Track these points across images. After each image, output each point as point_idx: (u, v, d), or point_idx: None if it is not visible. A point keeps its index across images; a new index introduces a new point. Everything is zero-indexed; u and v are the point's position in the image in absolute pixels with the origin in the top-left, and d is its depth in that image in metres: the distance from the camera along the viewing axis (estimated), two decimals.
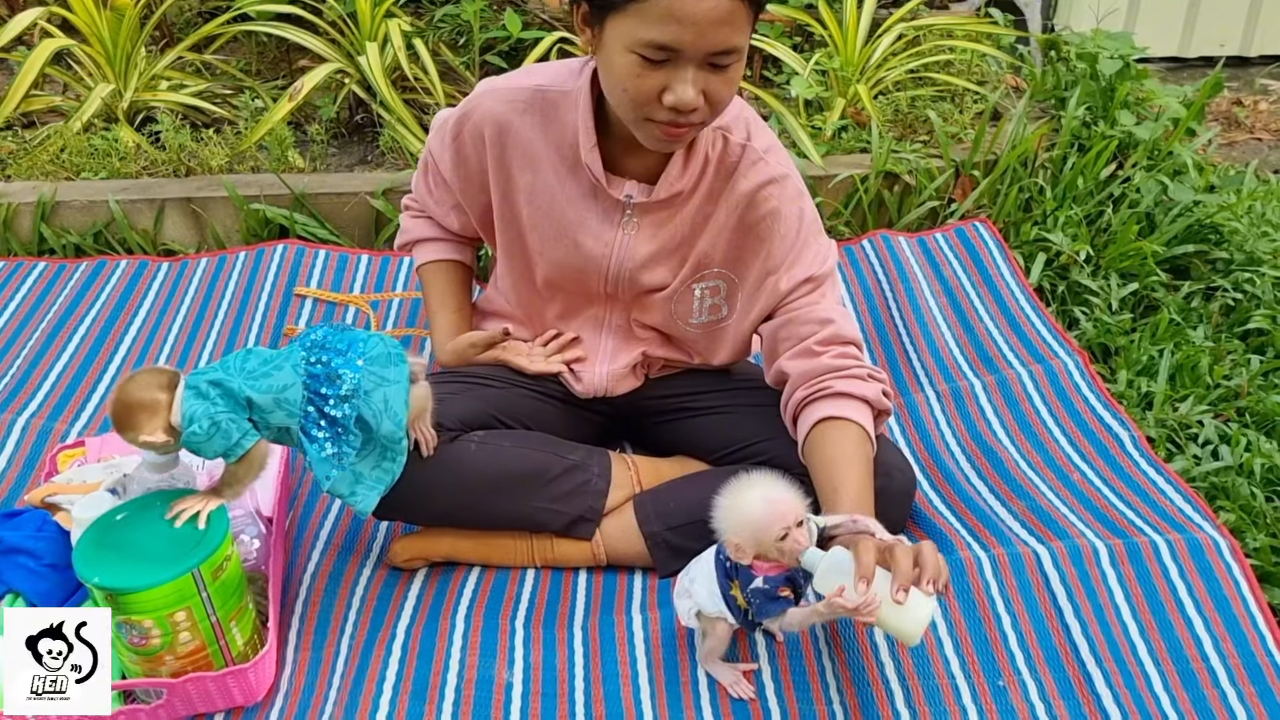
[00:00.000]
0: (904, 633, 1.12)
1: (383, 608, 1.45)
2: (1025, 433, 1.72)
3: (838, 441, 1.38)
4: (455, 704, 1.27)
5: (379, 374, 1.31)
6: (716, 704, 1.29)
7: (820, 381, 1.42)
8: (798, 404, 1.44)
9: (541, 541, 1.56)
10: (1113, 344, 1.98)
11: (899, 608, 1.11)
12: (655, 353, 1.62)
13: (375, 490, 1.36)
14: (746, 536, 1.18)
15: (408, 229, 1.73)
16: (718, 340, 1.58)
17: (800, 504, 1.17)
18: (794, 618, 1.18)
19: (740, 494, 1.20)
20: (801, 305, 1.47)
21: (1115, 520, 1.50)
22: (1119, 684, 1.27)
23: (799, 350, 1.45)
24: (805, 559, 1.16)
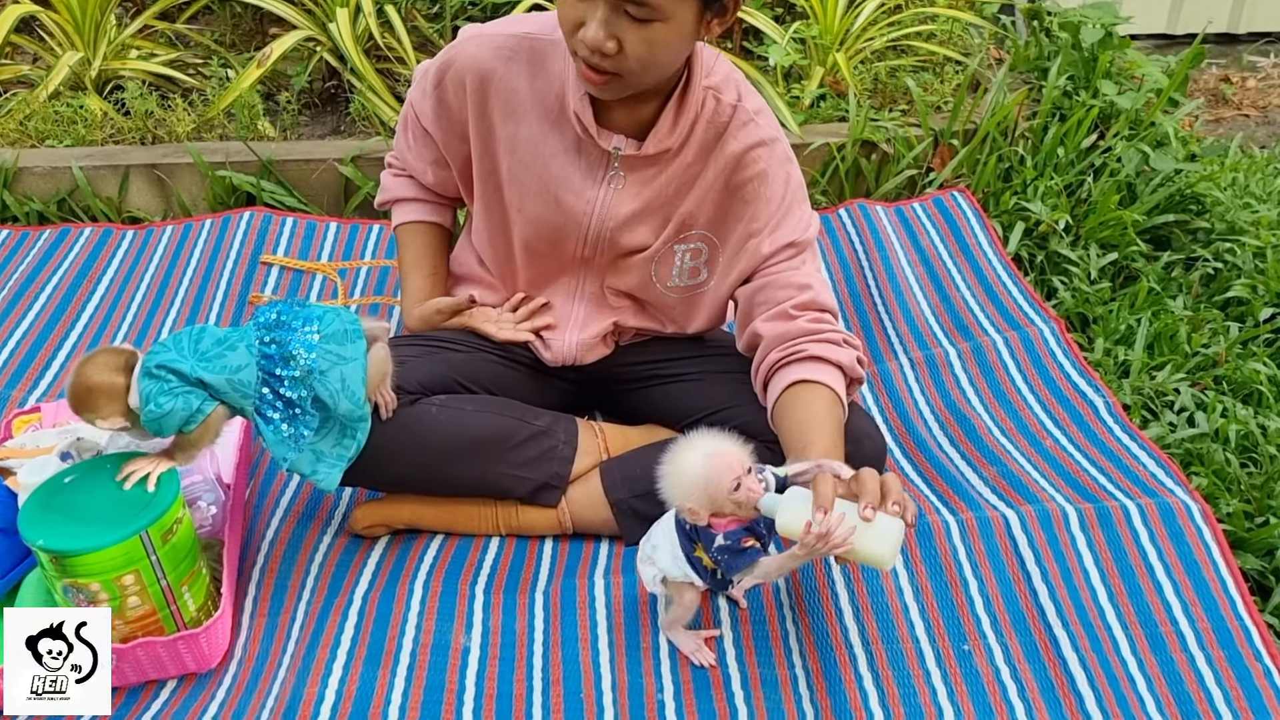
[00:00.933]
0: (877, 555, 1.09)
1: (341, 574, 1.42)
2: (999, 399, 1.69)
3: (809, 404, 1.35)
4: (410, 668, 1.24)
5: (336, 352, 1.29)
6: (676, 670, 1.27)
7: (794, 345, 1.39)
8: (770, 366, 1.41)
9: (506, 509, 1.53)
10: (1091, 313, 1.96)
11: (868, 530, 1.09)
12: (628, 322, 1.59)
13: (337, 467, 1.34)
14: (698, 497, 1.15)
15: (387, 187, 1.68)
16: (694, 306, 1.56)
17: (744, 452, 1.15)
18: (769, 565, 1.16)
19: (681, 458, 1.16)
20: (781, 270, 1.45)
21: (1087, 485, 1.47)
22: (1086, 648, 1.25)
23: (775, 314, 1.43)
24: (764, 505, 1.14)
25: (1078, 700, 1.19)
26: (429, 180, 1.64)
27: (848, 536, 1.08)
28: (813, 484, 1.12)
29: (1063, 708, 1.19)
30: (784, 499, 1.13)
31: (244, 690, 1.25)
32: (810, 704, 1.22)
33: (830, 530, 1.08)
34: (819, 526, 1.08)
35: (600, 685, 1.23)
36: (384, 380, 1.38)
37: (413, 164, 1.64)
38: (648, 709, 1.22)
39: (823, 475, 1.12)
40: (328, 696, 1.20)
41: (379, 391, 1.38)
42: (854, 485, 1.13)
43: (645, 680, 1.25)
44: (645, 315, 1.60)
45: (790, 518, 1.11)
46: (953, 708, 1.19)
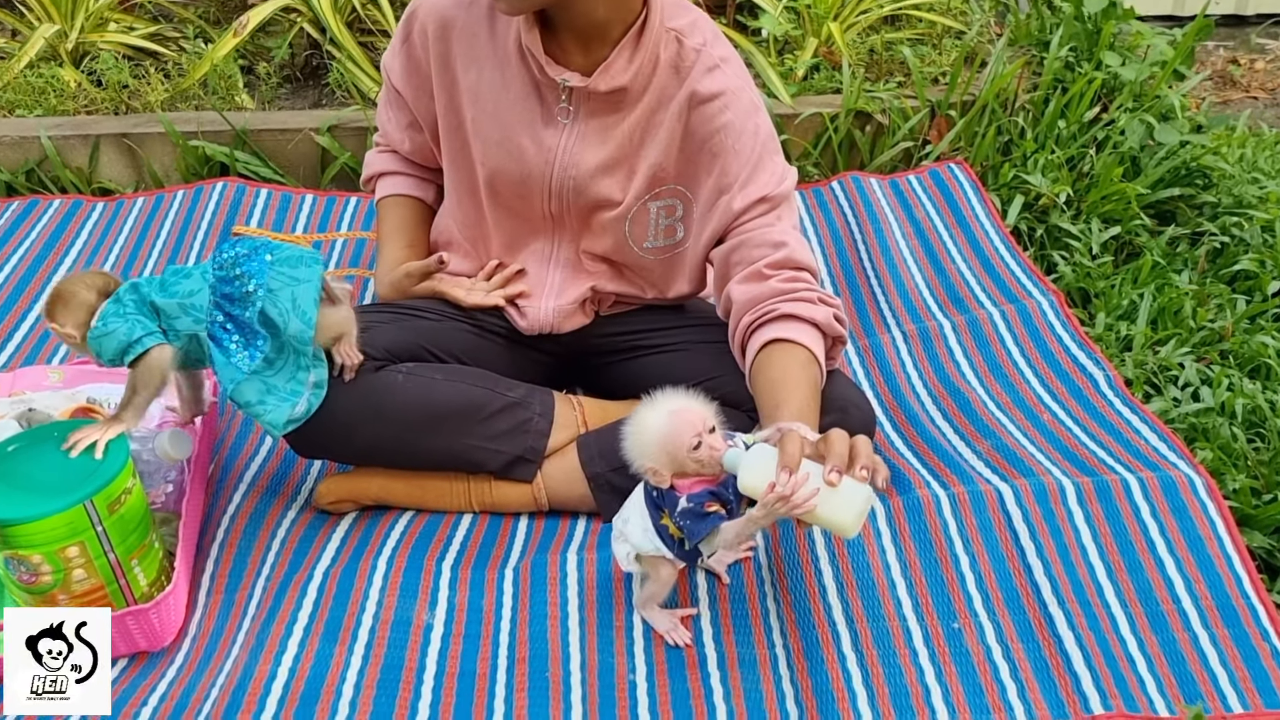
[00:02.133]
0: (839, 521, 1.03)
1: (304, 550, 1.36)
2: (995, 373, 1.62)
3: (782, 363, 1.29)
4: (368, 645, 1.18)
5: (288, 273, 1.25)
6: (650, 650, 1.20)
7: (766, 305, 1.33)
8: (745, 331, 1.35)
9: (479, 484, 1.47)
10: (1092, 288, 1.89)
11: (832, 495, 1.02)
12: (606, 287, 1.53)
13: (287, 403, 1.28)
14: (659, 456, 1.10)
15: (370, 163, 1.64)
16: (673, 268, 1.49)
17: (708, 410, 1.10)
18: (728, 532, 1.09)
19: (643, 416, 1.12)
20: (755, 227, 1.38)
21: (1085, 459, 1.41)
22: (1082, 626, 1.18)
23: (748, 275, 1.37)
24: (727, 463, 1.08)
25: (1074, 680, 1.12)
26: (406, 149, 1.59)
27: (809, 499, 1.02)
28: (779, 443, 1.06)
29: (1058, 689, 1.12)
30: (748, 456, 1.07)
31: (195, 669, 1.19)
32: (790, 683, 1.16)
33: (793, 492, 1.01)
34: (782, 487, 1.02)
35: (568, 664, 1.16)
36: (345, 340, 1.32)
37: (391, 134, 1.59)
38: (618, 689, 1.15)
39: (790, 434, 1.06)
40: (280, 674, 1.13)
41: (342, 351, 1.33)
42: (822, 447, 1.07)
43: (617, 660, 1.19)
44: (623, 280, 1.53)
45: (753, 476, 1.05)
46: (940, 688, 1.12)
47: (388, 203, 1.63)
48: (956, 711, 1.10)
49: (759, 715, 1.12)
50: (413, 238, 1.61)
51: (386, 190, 1.63)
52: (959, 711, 1.10)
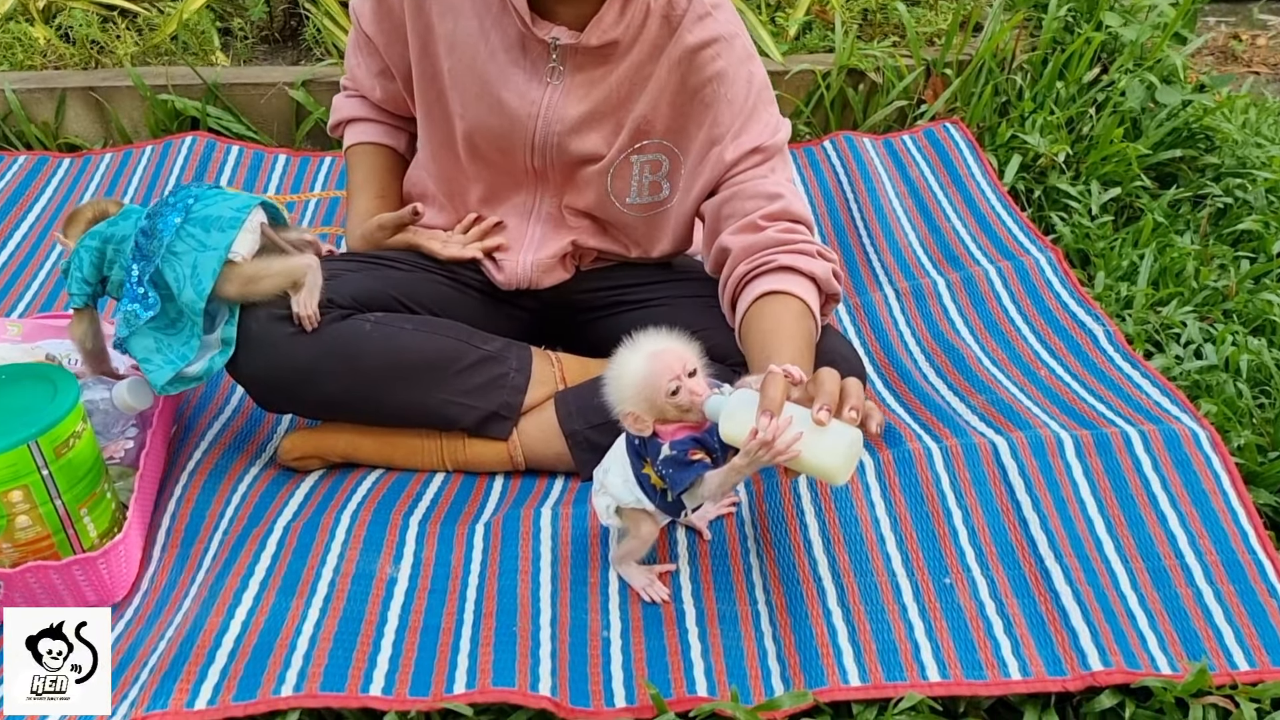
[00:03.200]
0: (826, 466, 0.97)
1: (264, 505, 1.30)
2: (990, 330, 1.56)
3: (776, 315, 1.23)
4: (327, 598, 1.11)
5: (197, 237, 1.20)
6: (626, 608, 1.14)
7: (764, 255, 1.27)
8: (738, 281, 1.29)
9: (452, 441, 1.41)
10: (1091, 250, 1.82)
11: (819, 437, 0.96)
12: (588, 243, 1.46)
13: (170, 365, 1.25)
14: (639, 401, 1.04)
15: (338, 108, 1.56)
16: (657, 226, 1.43)
17: (690, 352, 1.04)
18: (711, 482, 1.03)
19: (623, 359, 1.05)
20: (748, 178, 1.33)
21: (1085, 413, 1.35)
22: (1081, 581, 1.12)
23: (742, 225, 1.31)
24: (709, 409, 1.02)
25: (1071, 636, 1.06)
26: (377, 96, 1.52)
27: (793, 443, 0.95)
28: (761, 386, 0.99)
29: (1054, 645, 1.06)
30: (730, 402, 1.01)
31: (144, 622, 1.13)
32: (772, 640, 1.09)
33: (774, 437, 0.95)
34: (764, 432, 0.95)
35: (538, 619, 1.10)
36: (303, 290, 1.26)
37: (361, 80, 1.52)
38: (591, 645, 1.09)
39: (772, 377, 0.99)
40: (232, 627, 1.07)
41: (299, 301, 1.26)
42: (811, 389, 1.01)
43: (590, 616, 1.13)
44: (606, 237, 1.47)
45: (735, 423, 0.99)
46: (930, 644, 1.06)
47: (357, 151, 1.56)
48: (948, 668, 1.04)
49: (739, 672, 1.06)
50: (384, 188, 1.55)
51: (356, 138, 1.55)
52: (950, 668, 1.04)
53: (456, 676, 1.03)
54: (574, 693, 1.03)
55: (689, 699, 1.02)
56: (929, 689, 1.02)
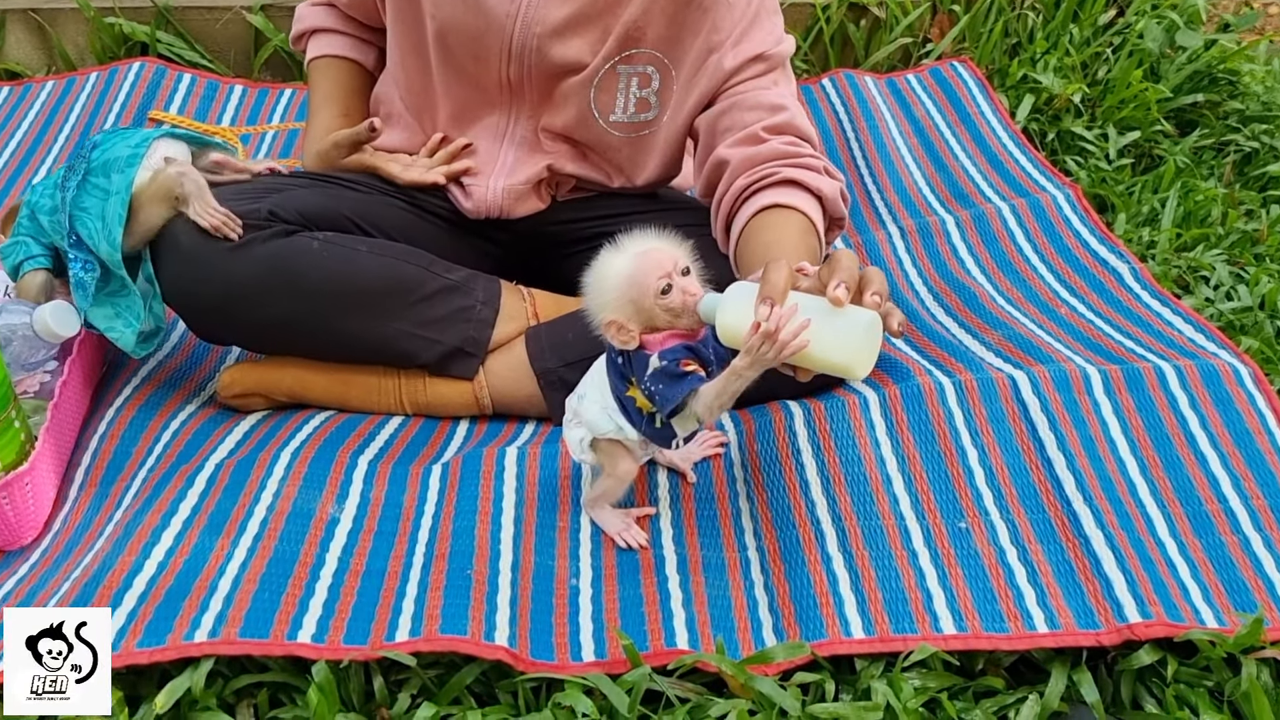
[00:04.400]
0: (843, 356, 0.84)
1: (197, 443, 1.16)
2: (1004, 269, 1.43)
3: (777, 228, 1.11)
4: (256, 537, 0.97)
5: (100, 185, 1.11)
6: (598, 554, 1.00)
7: (766, 168, 1.15)
8: (736, 195, 1.16)
9: (412, 380, 1.27)
10: (1109, 195, 1.70)
11: (830, 326, 0.83)
12: (565, 168, 1.33)
13: (130, 328, 1.15)
14: (623, 305, 0.90)
15: (301, 17, 1.42)
16: (643, 150, 1.30)
17: (680, 251, 0.91)
18: (706, 396, 0.89)
19: (605, 261, 0.92)
20: (749, 89, 1.21)
21: (1112, 349, 1.22)
22: (1114, 525, 0.98)
23: (743, 137, 1.19)
24: (703, 309, 0.89)
25: (1104, 585, 0.93)
26: (344, 1, 1.38)
27: (800, 332, 0.82)
28: (762, 273, 0.86)
29: (1085, 595, 0.93)
30: (728, 296, 0.88)
31: (51, 564, 0.99)
32: (764, 589, 0.96)
33: (778, 327, 0.82)
34: (767, 324, 0.82)
35: (497, 564, 0.96)
36: (190, 202, 1.14)
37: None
38: (557, 594, 0.96)
39: (775, 263, 0.86)
40: (146, 567, 0.93)
41: (195, 213, 1.14)
42: (824, 273, 0.87)
43: (558, 563, 0.99)
44: (586, 163, 1.34)
45: (734, 316, 0.86)
46: (944, 593, 0.93)
47: (320, 65, 1.42)
48: (964, 619, 0.91)
49: (726, 623, 0.93)
50: (347, 106, 1.41)
51: (320, 50, 1.42)
52: (967, 619, 0.91)
53: (400, 623, 0.89)
54: (535, 644, 0.90)
55: (667, 651, 0.88)
56: (943, 642, 0.89)
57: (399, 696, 0.86)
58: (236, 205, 1.16)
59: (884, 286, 0.86)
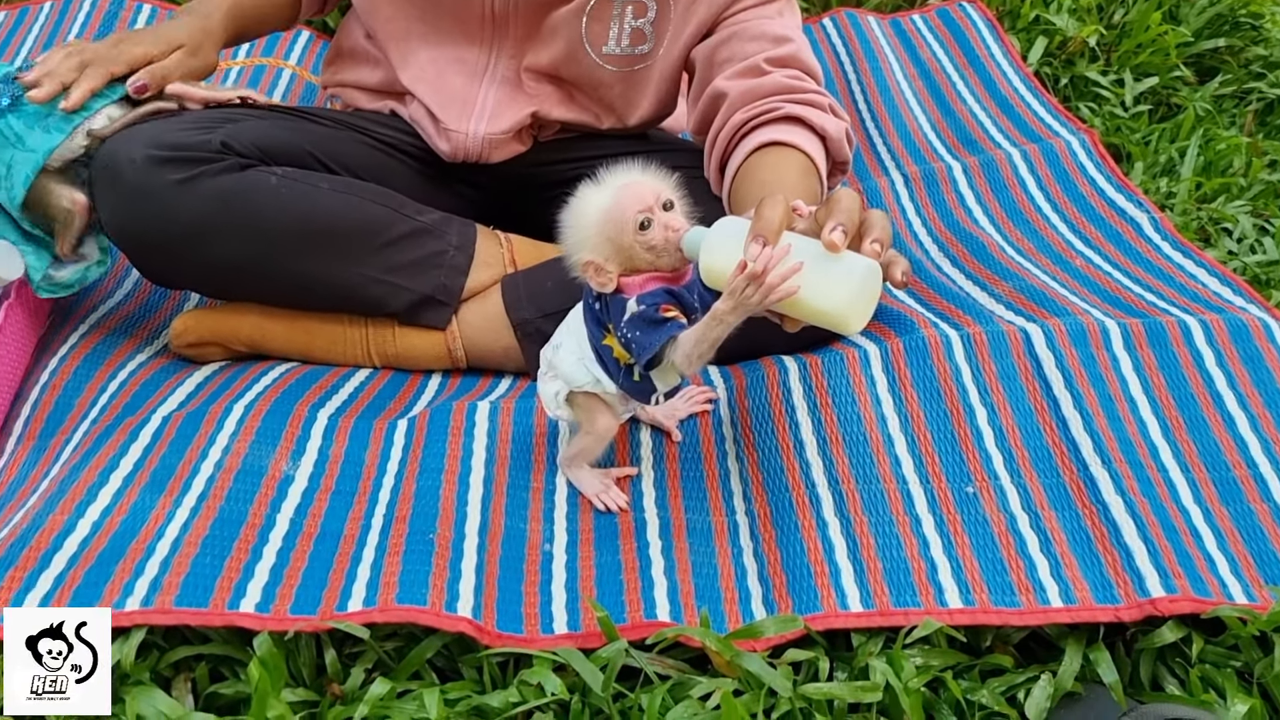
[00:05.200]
0: (835, 305, 0.75)
1: (145, 394, 1.08)
2: (1013, 217, 1.34)
3: (776, 166, 1.02)
4: (201, 495, 0.89)
5: (16, 130, 1.04)
6: (574, 516, 0.93)
7: (768, 103, 1.07)
8: (734, 131, 1.08)
9: (380, 330, 1.19)
10: (1125, 144, 1.61)
11: (824, 272, 0.75)
12: (551, 114, 1.24)
13: (35, 270, 1.09)
14: (601, 243, 0.82)
15: None
16: (636, 86, 1.21)
17: (663, 184, 0.83)
18: (685, 343, 0.81)
19: (583, 196, 0.84)
20: (751, 17, 1.13)
21: (1131, 302, 1.13)
22: (1134, 491, 0.90)
23: (743, 69, 1.11)
24: (686, 245, 0.81)
25: (1124, 555, 0.85)
26: None
27: (790, 276, 0.74)
28: (755, 209, 0.78)
29: (1103, 566, 0.85)
30: (713, 232, 0.79)
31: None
32: (753, 556, 0.88)
33: (765, 269, 0.73)
34: (755, 264, 0.73)
35: (463, 526, 0.88)
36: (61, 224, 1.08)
37: None
38: (528, 560, 0.88)
39: (771, 198, 0.77)
40: (79, 527, 0.85)
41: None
42: (821, 214, 0.79)
43: (530, 526, 0.91)
44: (573, 105, 1.25)
45: (719, 255, 0.77)
46: (949, 561, 0.85)
47: None
48: (971, 591, 0.83)
49: (711, 593, 0.85)
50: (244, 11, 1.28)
51: None
52: (974, 590, 0.83)
53: (354, 591, 0.81)
54: (502, 614, 0.82)
55: (646, 624, 0.81)
56: (948, 616, 0.81)
57: (353, 671, 0.79)
58: (185, 136, 1.07)
59: (887, 233, 0.78)
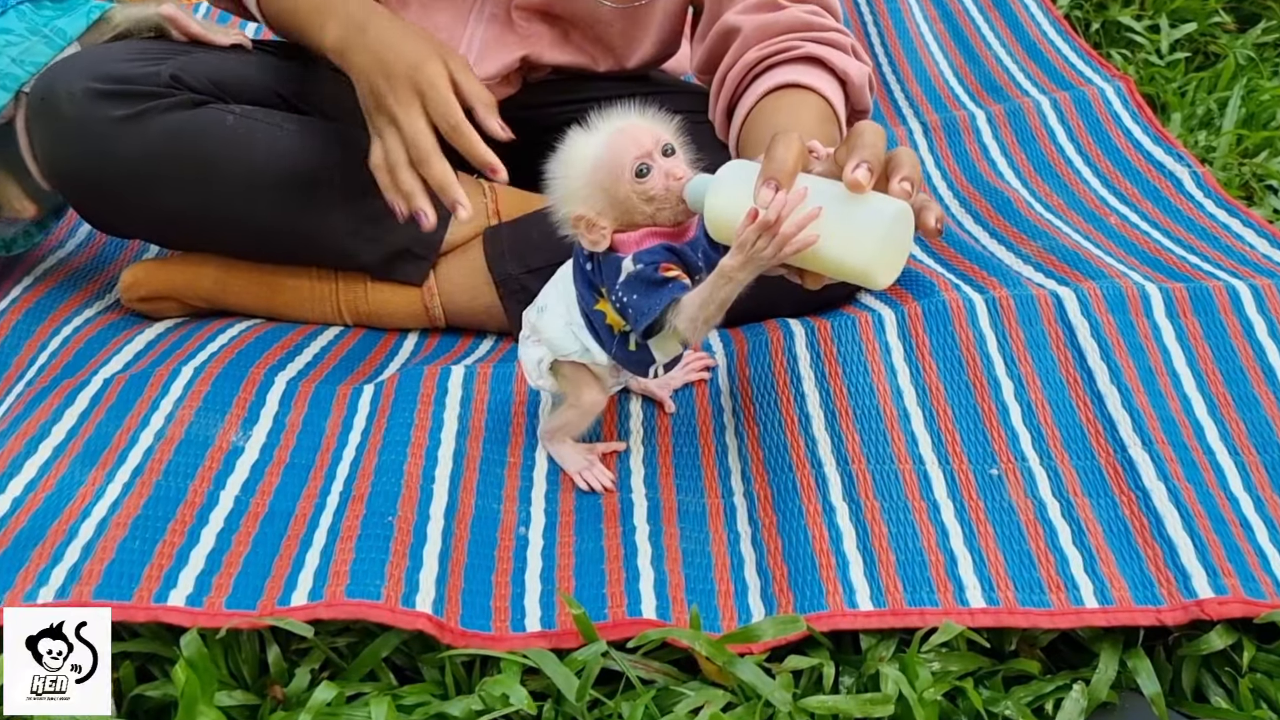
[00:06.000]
0: (860, 255, 0.65)
1: (89, 353, 0.99)
2: (1041, 171, 1.24)
3: (791, 110, 0.92)
4: (137, 469, 0.80)
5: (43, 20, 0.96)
6: (554, 496, 0.83)
7: (785, 40, 0.96)
8: (746, 69, 0.97)
9: (351, 285, 1.09)
10: (1160, 94, 1.49)
11: (849, 215, 0.65)
12: (543, 57, 1.13)
13: None
14: (594, 193, 0.72)
15: None
16: (639, 24, 1.10)
17: (663, 128, 0.73)
18: (690, 306, 0.71)
19: (574, 143, 0.75)
20: None
21: (1172, 264, 1.03)
22: (1178, 476, 0.81)
23: (758, 3, 1.00)
24: (690, 194, 0.71)
25: (1166, 550, 0.76)
26: None
27: (807, 223, 0.64)
28: (766, 150, 0.68)
29: (1144, 562, 0.76)
30: (719, 177, 0.69)
31: None
32: (751, 545, 0.79)
33: (778, 217, 0.63)
34: (767, 211, 0.63)
35: (428, 507, 0.79)
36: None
37: None
38: (500, 546, 0.79)
39: (784, 135, 0.67)
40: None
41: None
42: (840, 154, 0.68)
43: (504, 506, 0.82)
44: (568, 46, 1.14)
45: (726, 202, 0.68)
46: (971, 554, 0.76)
47: None
48: (995, 587, 0.74)
49: (704, 585, 0.76)
50: None
51: None
52: (998, 586, 0.74)
53: (299, 581, 0.72)
54: (468, 608, 0.73)
55: (629, 622, 0.72)
56: (969, 617, 0.72)
57: (298, 671, 0.70)
58: (130, 67, 0.97)
59: (916, 171, 0.68)
